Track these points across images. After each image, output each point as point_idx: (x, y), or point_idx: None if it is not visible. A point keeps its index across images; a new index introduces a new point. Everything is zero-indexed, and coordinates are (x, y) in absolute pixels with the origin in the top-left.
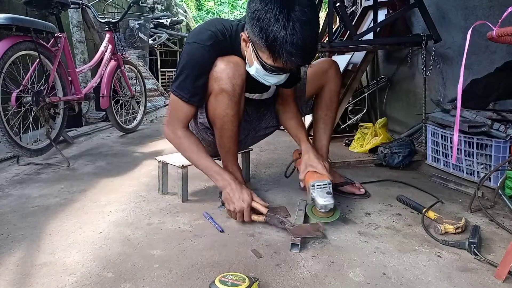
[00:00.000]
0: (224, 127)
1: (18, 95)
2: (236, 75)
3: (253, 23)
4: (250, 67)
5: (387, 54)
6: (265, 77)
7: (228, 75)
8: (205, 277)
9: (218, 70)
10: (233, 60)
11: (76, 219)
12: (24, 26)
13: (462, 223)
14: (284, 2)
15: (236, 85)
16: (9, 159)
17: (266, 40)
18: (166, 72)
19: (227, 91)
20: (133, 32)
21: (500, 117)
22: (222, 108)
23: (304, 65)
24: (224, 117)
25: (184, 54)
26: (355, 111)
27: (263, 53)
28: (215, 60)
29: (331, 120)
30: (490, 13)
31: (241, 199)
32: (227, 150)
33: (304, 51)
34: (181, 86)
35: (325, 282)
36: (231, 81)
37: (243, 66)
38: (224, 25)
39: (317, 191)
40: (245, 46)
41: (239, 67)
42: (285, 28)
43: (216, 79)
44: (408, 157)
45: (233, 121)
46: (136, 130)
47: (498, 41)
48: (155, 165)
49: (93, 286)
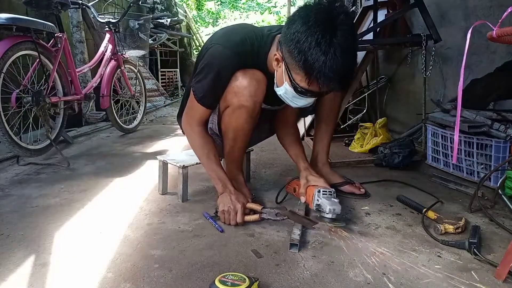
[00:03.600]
0: (238, 140)
1: (18, 95)
2: (258, 92)
3: (292, 44)
4: (278, 87)
5: (387, 54)
6: (294, 99)
7: (250, 93)
8: (205, 277)
9: (241, 86)
10: (256, 77)
11: (76, 219)
12: (24, 26)
13: (462, 223)
14: (327, 27)
15: (257, 103)
16: (9, 159)
17: (305, 62)
18: (166, 72)
19: (247, 108)
20: (133, 32)
21: (500, 117)
22: (240, 123)
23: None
24: (239, 130)
25: (208, 54)
26: (355, 111)
27: (297, 75)
28: (237, 70)
29: (333, 121)
30: (490, 13)
31: (236, 200)
32: (235, 158)
33: (342, 77)
34: (197, 85)
35: (325, 282)
36: (253, 99)
37: (265, 83)
38: (255, 32)
39: (323, 197)
40: (276, 65)
41: (261, 84)
42: (326, 53)
43: (236, 93)
44: (408, 157)
45: (247, 134)
46: (136, 130)
47: (498, 41)
48: (155, 165)
49: (93, 286)
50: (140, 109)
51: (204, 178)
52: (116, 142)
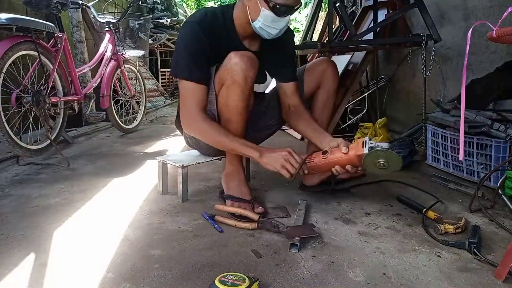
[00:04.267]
0: (232, 120)
1: (18, 95)
2: (249, 68)
3: None
4: (255, 22)
5: (387, 54)
6: (272, 24)
7: (242, 68)
8: (205, 277)
9: (232, 62)
10: (247, 55)
11: (76, 219)
12: (24, 26)
13: (462, 223)
14: None
15: (249, 78)
16: (9, 159)
17: None
18: (166, 72)
19: (239, 82)
20: (133, 32)
21: (500, 117)
22: (234, 99)
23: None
24: (233, 108)
25: (178, 38)
26: (355, 111)
27: None
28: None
29: (327, 117)
30: (490, 13)
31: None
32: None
33: None
34: (178, 66)
35: (325, 282)
36: (244, 73)
37: (256, 62)
38: (213, 7)
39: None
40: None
41: (253, 61)
42: None
43: (229, 70)
44: (408, 157)
45: (241, 113)
46: (136, 130)
47: (498, 41)
48: (155, 165)
49: (93, 286)
50: (140, 109)
51: (204, 178)
52: (116, 142)
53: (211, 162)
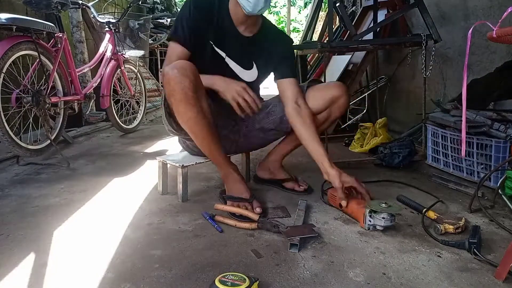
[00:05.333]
0: (193, 131)
1: (18, 95)
2: (182, 78)
3: None
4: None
5: (387, 54)
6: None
7: (175, 81)
8: (205, 277)
9: (166, 77)
10: (176, 66)
11: (76, 219)
12: (24, 26)
13: (462, 223)
14: None
15: (186, 88)
16: (9, 159)
17: None
18: None
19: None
20: (133, 32)
21: (500, 117)
22: (182, 113)
23: None
24: (187, 121)
25: None
26: (355, 111)
27: None
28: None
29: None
30: (490, 13)
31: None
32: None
33: None
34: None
35: (325, 282)
36: (179, 85)
37: (190, 69)
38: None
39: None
40: None
41: (184, 70)
42: None
43: (165, 85)
44: (408, 157)
45: (197, 122)
46: (136, 130)
47: (498, 41)
48: (155, 165)
49: (93, 286)
50: (140, 109)
51: (204, 178)
52: (116, 142)
53: (211, 162)
